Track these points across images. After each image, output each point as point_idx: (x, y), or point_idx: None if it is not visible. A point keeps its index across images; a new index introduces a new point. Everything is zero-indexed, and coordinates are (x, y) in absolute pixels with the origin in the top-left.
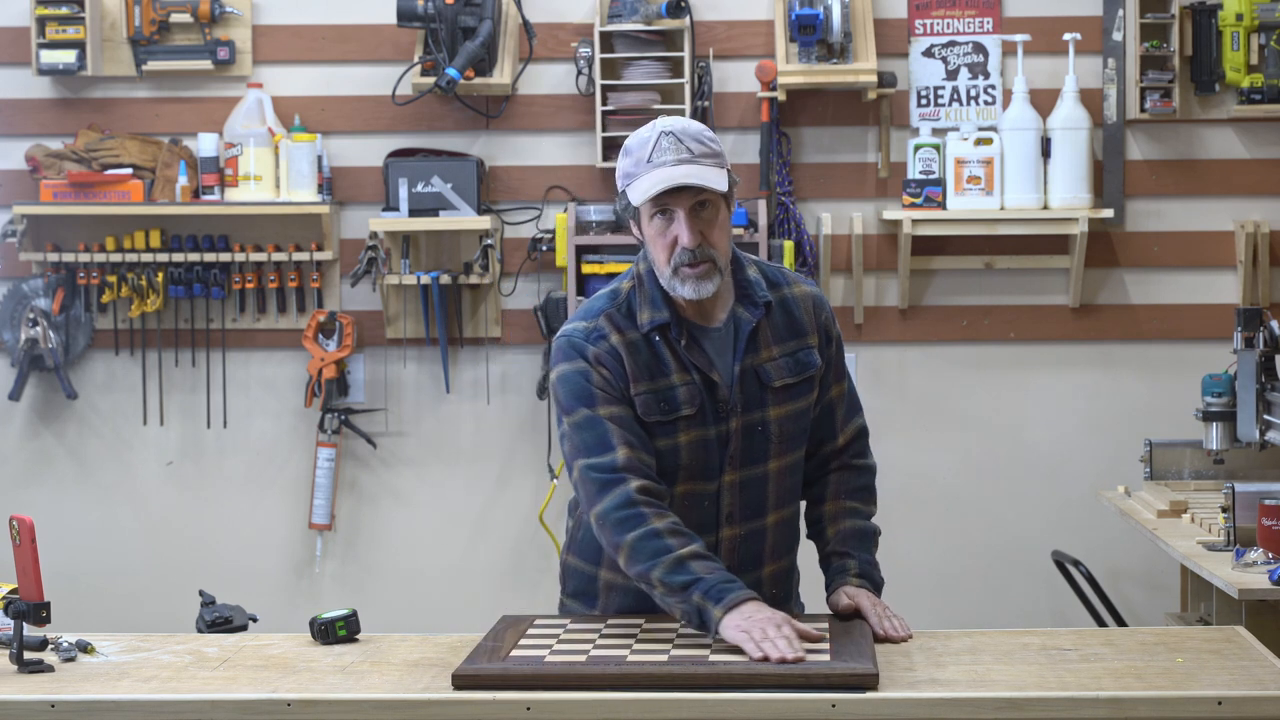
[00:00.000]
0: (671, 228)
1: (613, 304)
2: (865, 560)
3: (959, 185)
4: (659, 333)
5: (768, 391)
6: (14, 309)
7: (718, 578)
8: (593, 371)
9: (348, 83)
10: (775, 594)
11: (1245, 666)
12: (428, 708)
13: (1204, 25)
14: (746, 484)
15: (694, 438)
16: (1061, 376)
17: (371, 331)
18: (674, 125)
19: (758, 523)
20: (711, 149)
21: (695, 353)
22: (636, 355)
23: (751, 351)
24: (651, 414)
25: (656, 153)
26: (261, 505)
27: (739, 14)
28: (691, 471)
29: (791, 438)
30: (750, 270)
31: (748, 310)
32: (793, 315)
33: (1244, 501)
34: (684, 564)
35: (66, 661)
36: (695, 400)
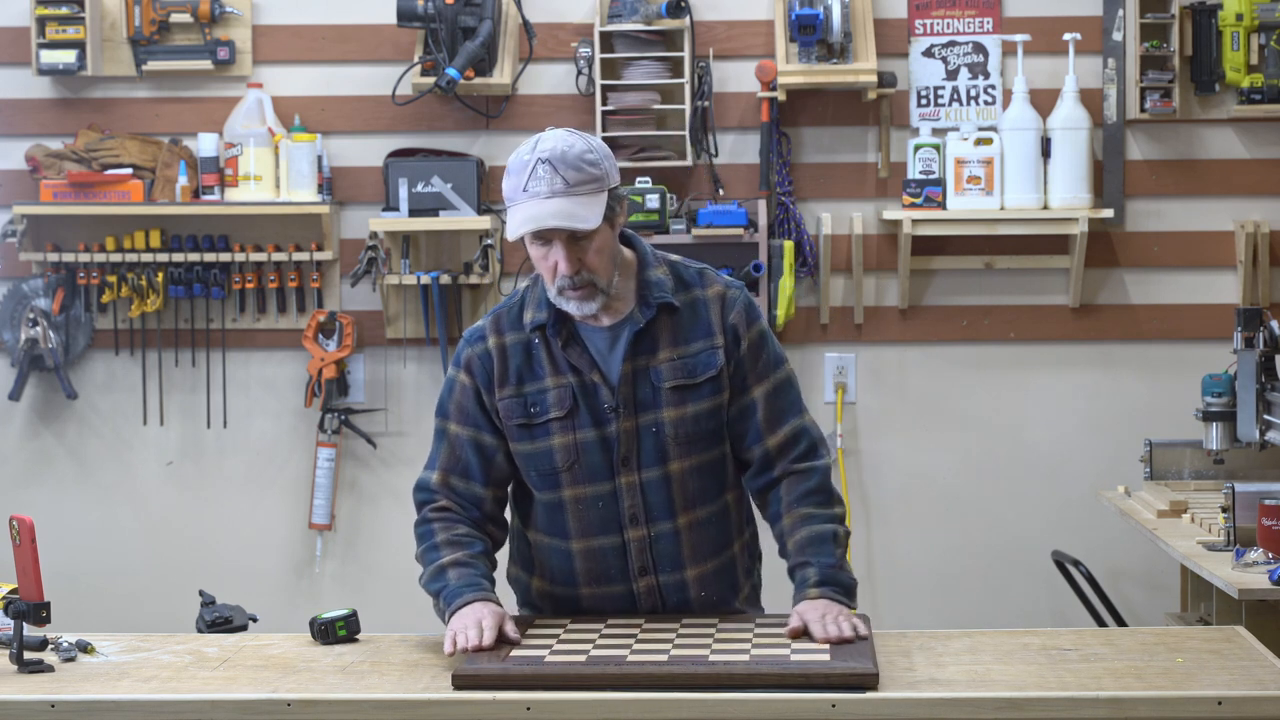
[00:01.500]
0: (551, 253)
1: (508, 305)
2: (825, 564)
3: (959, 185)
4: (538, 333)
5: (660, 393)
6: (14, 309)
7: (461, 584)
8: (458, 381)
9: (348, 83)
10: (704, 596)
11: (1245, 666)
12: (428, 708)
13: (1204, 25)
14: (648, 486)
15: (568, 441)
16: (1061, 376)
17: (371, 331)
18: (552, 150)
19: (665, 525)
20: (590, 174)
21: (575, 354)
22: (509, 359)
23: (644, 353)
24: (514, 417)
25: (532, 181)
26: (261, 505)
27: (739, 14)
28: (576, 475)
29: (693, 439)
30: (657, 271)
31: (641, 311)
32: (700, 316)
33: (1244, 501)
34: (443, 572)
35: (66, 661)
36: (565, 402)
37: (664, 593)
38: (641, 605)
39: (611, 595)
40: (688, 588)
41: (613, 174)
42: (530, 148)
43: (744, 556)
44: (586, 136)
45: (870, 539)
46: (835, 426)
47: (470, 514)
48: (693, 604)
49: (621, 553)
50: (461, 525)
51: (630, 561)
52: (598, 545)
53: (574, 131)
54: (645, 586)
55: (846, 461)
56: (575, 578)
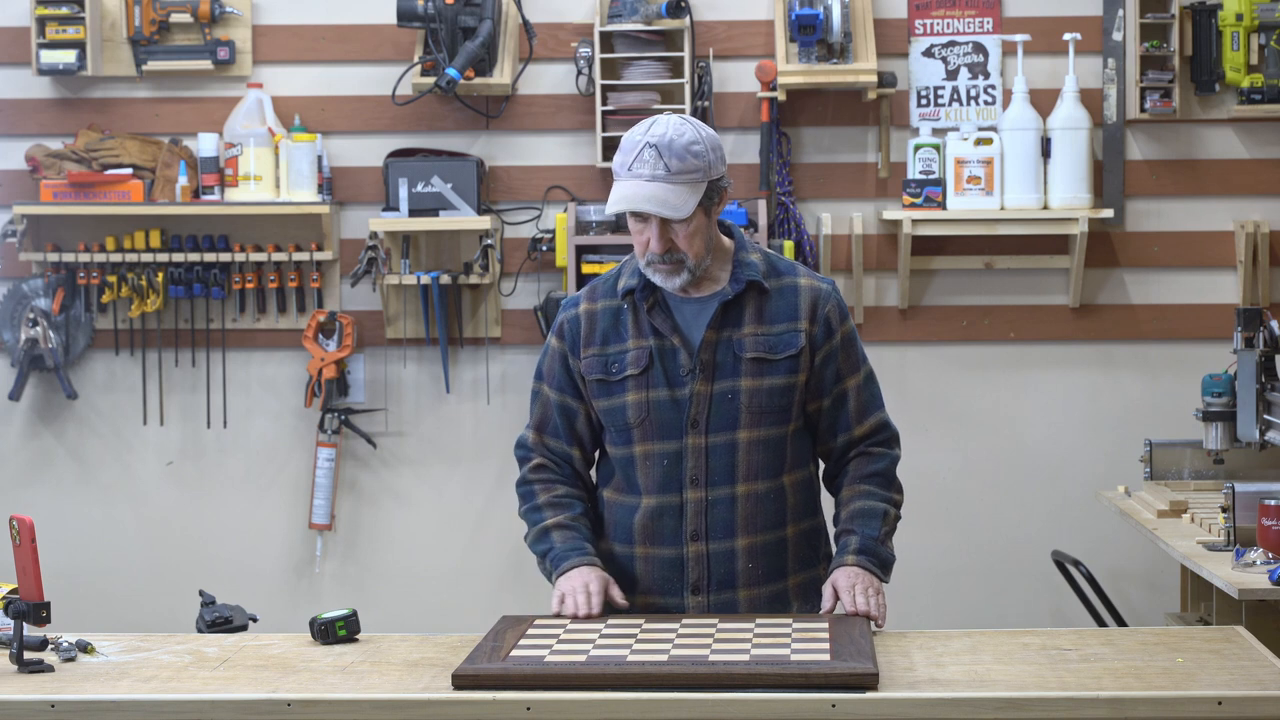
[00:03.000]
0: (645, 230)
1: (610, 273)
2: (868, 535)
3: (959, 185)
4: (628, 298)
5: (741, 362)
6: (14, 309)
7: (566, 546)
8: (551, 346)
9: (348, 83)
10: (752, 568)
11: (1245, 666)
12: (428, 708)
13: (1204, 25)
14: (713, 450)
15: (641, 398)
16: (1061, 376)
17: (371, 331)
18: (661, 136)
19: (724, 490)
20: (693, 164)
21: (659, 318)
22: (598, 322)
23: (730, 325)
24: (594, 372)
25: (637, 163)
26: (261, 505)
27: (739, 14)
28: (646, 431)
29: (766, 412)
30: (751, 255)
31: (732, 286)
32: (788, 301)
33: (1244, 501)
34: (547, 534)
35: (66, 661)
36: (641, 362)
37: (712, 561)
38: (689, 573)
39: (663, 558)
40: (736, 557)
41: (716, 165)
42: (644, 129)
43: (801, 545)
44: (699, 126)
45: None
46: None
47: (564, 471)
48: (739, 576)
49: (679, 513)
50: (561, 485)
51: (685, 523)
52: (658, 503)
53: (688, 119)
54: (695, 553)
55: None
56: (633, 535)
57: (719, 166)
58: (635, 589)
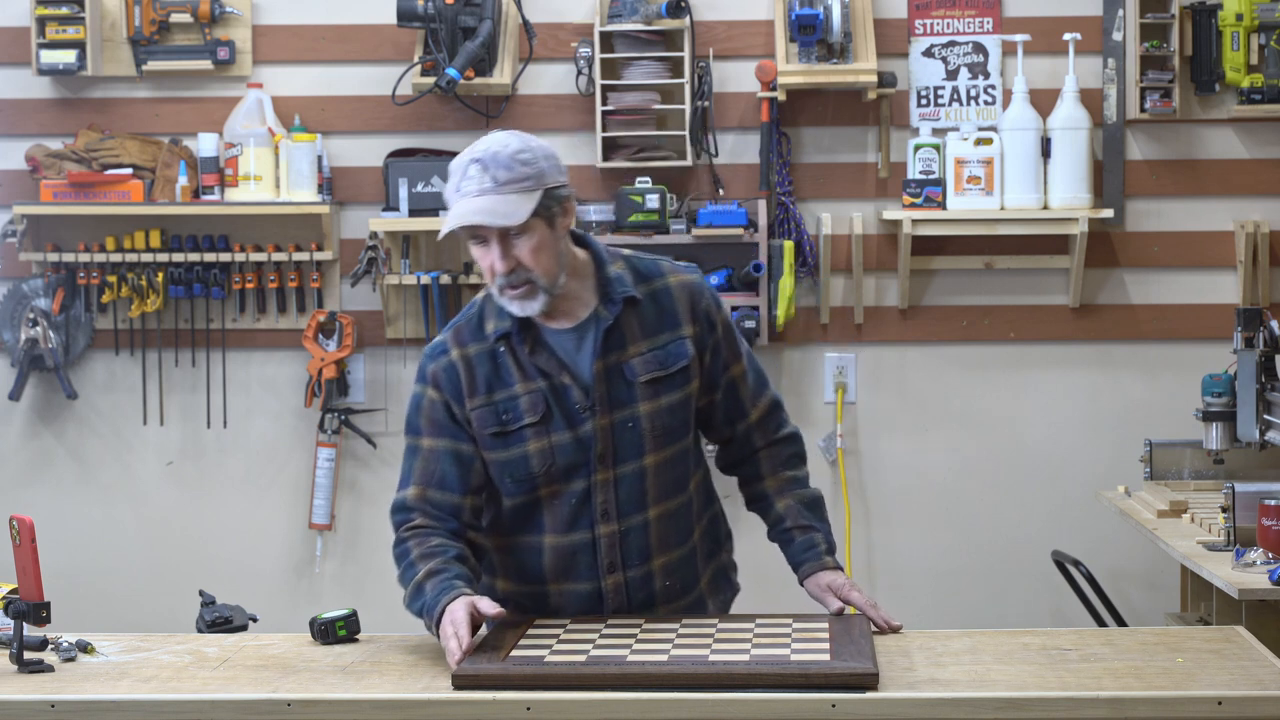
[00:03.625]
0: (488, 253)
1: (465, 317)
2: (827, 533)
3: (959, 185)
4: (503, 342)
5: (635, 388)
6: (14, 309)
7: (436, 593)
8: (425, 397)
9: (348, 83)
10: (669, 585)
11: (1245, 666)
12: (428, 708)
13: (1204, 25)
14: (621, 481)
15: (543, 445)
16: (1061, 376)
17: (371, 331)
18: (484, 151)
19: (637, 518)
20: (521, 173)
21: (542, 358)
22: (476, 369)
23: (615, 349)
24: (488, 426)
25: (464, 181)
26: (261, 505)
27: (739, 14)
28: (552, 475)
29: (667, 432)
30: (614, 267)
31: (607, 308)
32: (664, 307)
33: (1244, 501)
34: (419, 589)
35: (66, 661)
36: (538, 408)
37: (630, 589)
38: (608, 604)
39: (578, 593)
40: (653, 579)
41: (551, 174)
42: (469, 149)
43: (704, 542)
44: (525, 137)
45: (870, 539)
46: (835, 426)
47: (448, 525)
48: (657, 596)
49: (591, 548)
50: (435, 537)
51: (599, 557)
52: (568, 541)
53: (514, 132)
54: (613, 584)
55: (846, 461)
56: (543, 575)
57: (554, 175)
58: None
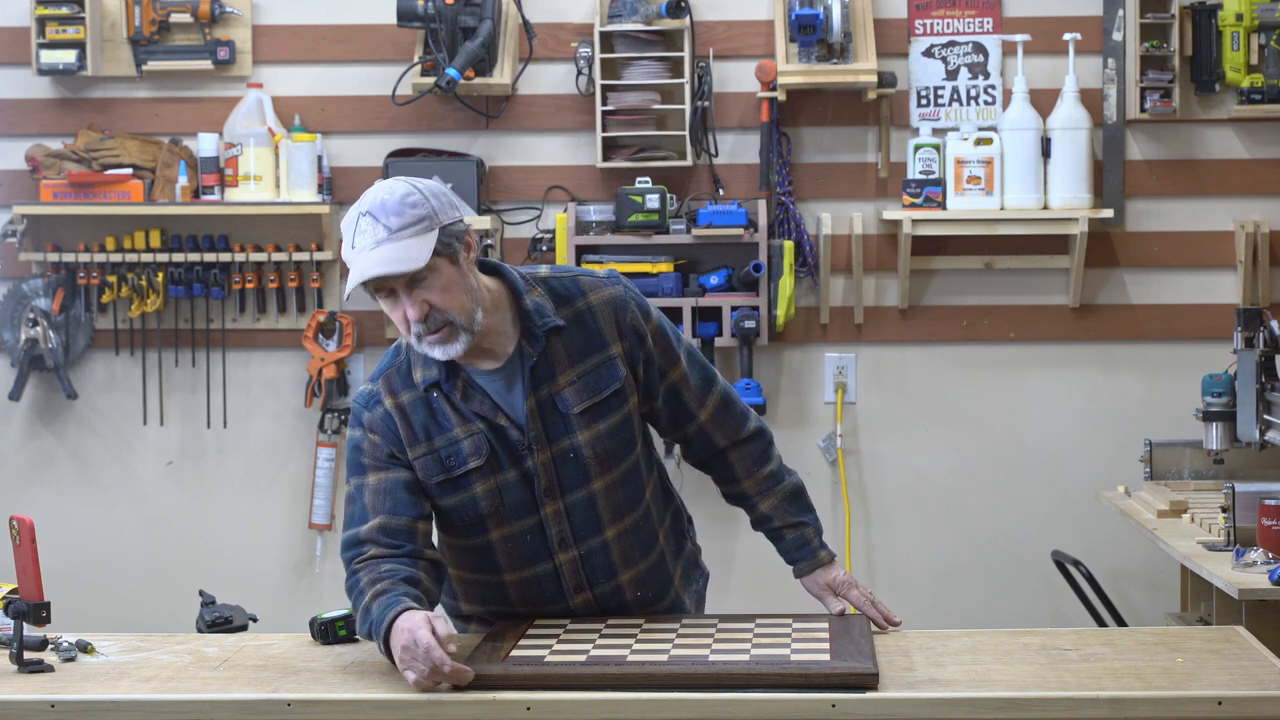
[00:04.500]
0: (399, 304)
1: (393, 364)
2: (816, 523)
3: (959, 185)
4: (434, 389)
5: (570, 418)
6: (14, 309)
7: (380, 612)
8: (366, 439)
9: (348, 83)
10: (641, 595)
11: (1245, 666)
12: (428, 708)
13: (1204, 25)
14: (572, 510)
15: (490, 486)
16: (1061, 376)
17: (371, 331)
18: (372, 203)
19: (594, 540)
20: (412, 216)
21: (475, 402)
22: (412, 417)
23: (544, 382)
24: (434, 474)
25: (358, 236)
26: (261, 505)
27: (739, 14)
28: (502, 516)
29: (610, 454)
30: (531, 297)
31: (530, 345)
32: (589, 329)
33: (1244, 501)
34: (366, 612)
35: (66, 661)
36: (482, 451)
37: (600, 603)
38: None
39: (551, 613)
40: (623, 592)
41: (444, 211)
42: (357, 204)
43: (670, 541)
44: (412, 181)
45: (870, 539)
46: (835, 426)
47: (404, 548)
48: (630, 607)
49: (555, 577)
50: (386, 563)
51: (565, 582)
52: (530, 574)
53: (401, 179)
54: (582, 601)
55: (846, 461)
56: (510, 604)
57: (449, 212)
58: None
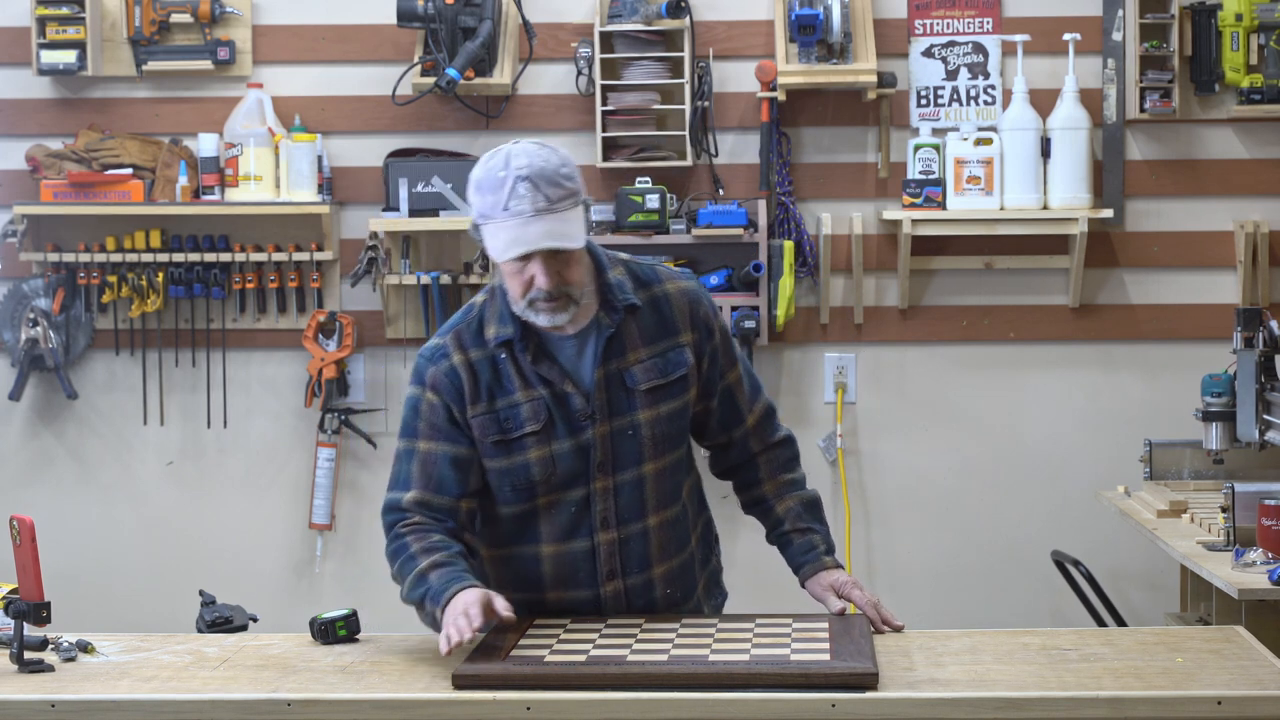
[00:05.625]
0: (528, 268)
1: (464, 320)
2: (825, 533)
3: (959, 185)
4: (505, 349)
5: (635, 395)
6: (14, 309)
7: (442, 583)
8: (423, 400)
9: (348, 83)
10: (670, 593)
11: (1245, 666)
12: (428, 708)
13: (1204, 25)
14: (621, 489)
15: (544, 453)
16: (1061, 376)
17: (371, 331)
18: (529, 168)
19: (636, 525)
20: (568, 189)
21: (545, 366)
22: (477, 375)
23: (615, 356)
24: (490, 434)
25: (513, 200)
26: (261, 505)
27: (739, 14)
28: (552, 484)
29: (666, 439)
30: (614, 273)
31: (608, 315)
32: (663, 314)
33: (1244, 501)
34: (423, 578)
35: (66, 661)
36: (540, 416)
37: (630, 596)
38: (606, 610)
39: (578, 600)
40: (654, 587)
41: (583, 185)
42: (503, 163)
43: (699, 548)
44: (554, 148)
45: (870, 539)
46: (835, 426)
47: (445, 524)
48: (658, 604)
49: (590, 556)
50: (435, 533)
51: (599, 565)
52: (567, 550)
53: (541, 144)
54: (612, 590)
55: (846, 461)
56: (542, 583)
57: (583, 185)
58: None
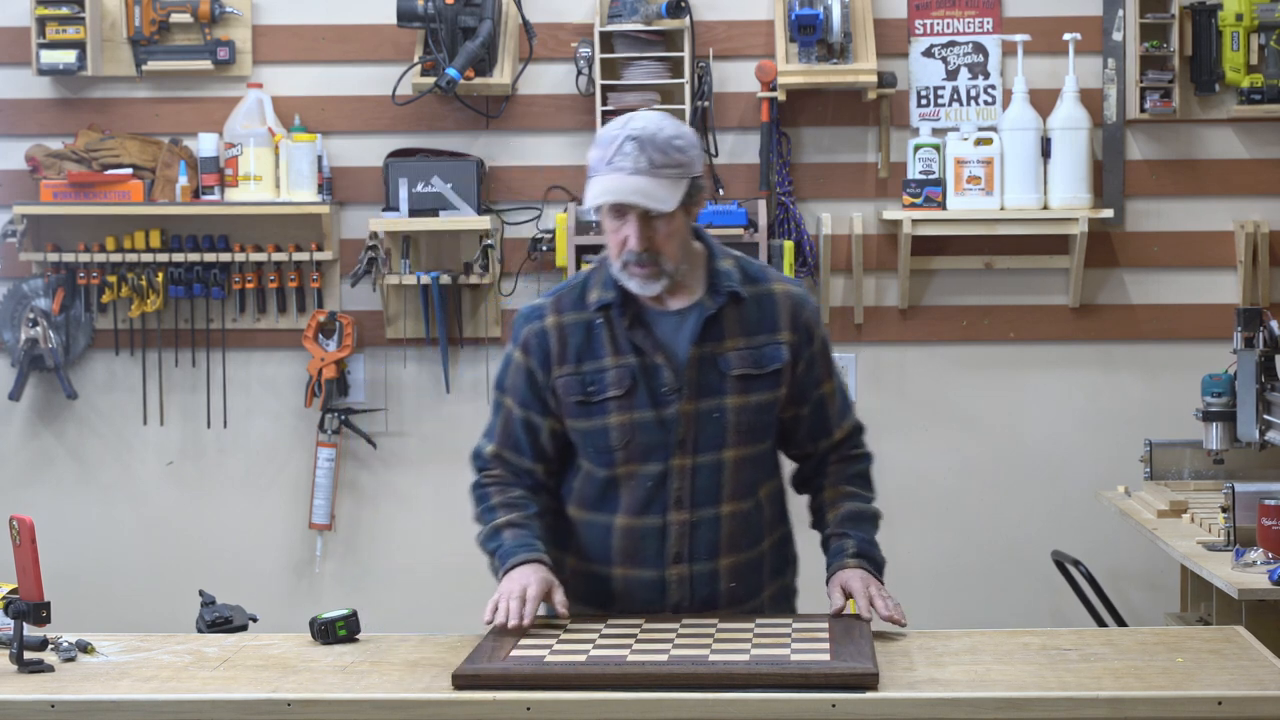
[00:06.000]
0: (623, 228)
1: (570, 284)
2: (862, 539)
3: (959, 185)
4: (603, 313)
5: (726, 380)
6: (14, 309)
7: (515, 544)
8: (514, 359)
9: (348, 83)
10: (734, 587)
11: (1245, 666)
12: (428, 708)
13: (1204, 25)
14: (699, 470)
15: (625, 420)
16: (1061, 376)
17: (371, 331)
18: (642, 130)
19: (709, 510)
20: (675, 159)
21: (639, 334)
22: (569, 337)
23: (712, 339)
24: (572, 394)
25: (618, 156)
26: (261, 505)
27: (739, 14)
28: (630, 453)
29: (751, 430)
30: (724, 263)
31: (711, 299)
32: (766, 310)
33: (1244, 501)
34: (498, 532)
35: (66, 661)
36: (624, 382)
37: (695, 583)
38: (670, 595)
39: (643, 580)
40: (719, 578)
41: (697, 164)
42: (621, 124)
43: (773, 555)
44: (679, 123)
45: None
46: None
47: (524, 482)
48: (721, 596)
49: (660, 535)
50: (516, 489)
51: (668, 545)
52: (639, 524)
53: (668, 116)
54: (677, 575)
55: None
56: (611, 555)
57: (698, 165)
58: (611, 608)
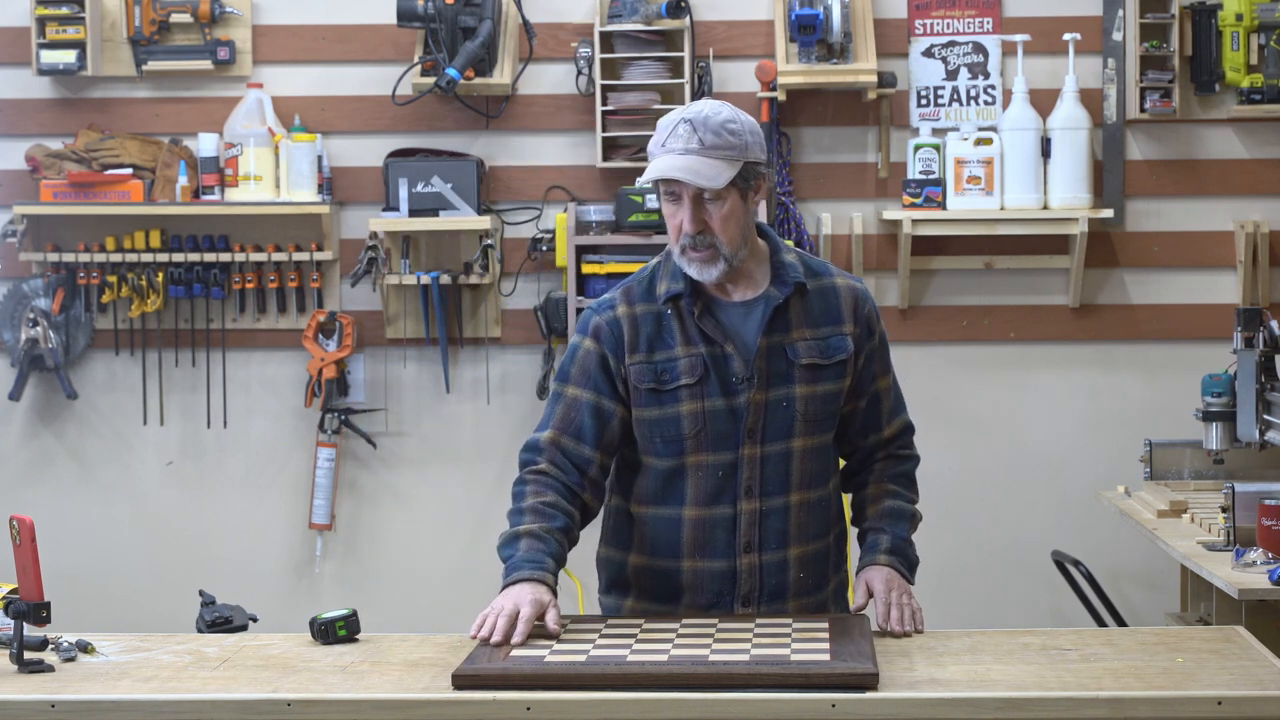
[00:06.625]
0: (679, 211)
1: (638, 277)
2: (898, 536)
3: (959, 185)
4: (672, 303)
5: (795, 369)
6: (14, 309)
7: (523, 557)
8: (582, 346)
9: (348, 83)
10: (803, 577)
11: (1245, 666)
12: (428, 708)
13: (1204, 25)
14: (768, 459)
15: (697, 408)
16: (1061, 376)
17: (371, 331)
18: (696, 114)
19: (779, 500)
20: (728, 141)
21: (709, 324)
22: (640, 327)
23: (779, 329)
24: (645, 381)
25: (672, 138)
26: (261, 505)
27: (739, 14)
28: (700, 442)
29: (818, 419)
30: (788, 255)
31: (778, 289)
32: (830, 303)
33: (1244, 501)
34: (516, 539)
35: (66, 661)
36: (696, 371)
37: (765, 572)
38: (741, 585)
39: (713, 571)
40: (789, 567)
41: (753, 149)
42: (681, 110)
43: (835, 550)
44: (738, 110)
45: None
46: None
47: (571, 478)
48: (790, 586)
49: (731, 525)
50: (552, 493)
51: (738, 535)
52: (709, 515)
53: (727, 104)
54: (748, 564)
55: None
56: (680, 549)
57: (756, 151)
58: (680, 601)
